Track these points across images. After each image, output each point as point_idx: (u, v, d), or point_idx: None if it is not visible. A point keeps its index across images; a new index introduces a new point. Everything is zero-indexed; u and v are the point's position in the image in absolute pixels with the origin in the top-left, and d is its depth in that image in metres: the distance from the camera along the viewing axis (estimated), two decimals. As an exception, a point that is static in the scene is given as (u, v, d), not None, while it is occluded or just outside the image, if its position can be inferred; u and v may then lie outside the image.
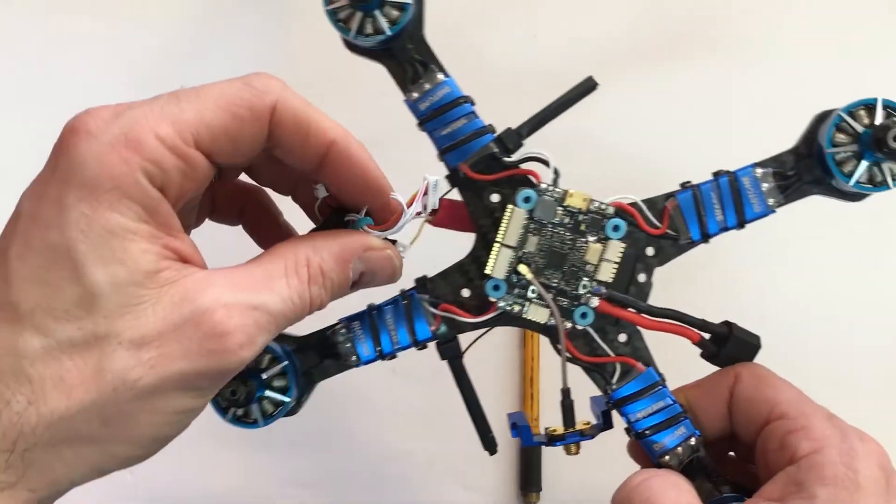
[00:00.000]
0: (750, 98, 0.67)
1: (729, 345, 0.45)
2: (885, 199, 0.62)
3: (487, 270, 0.44)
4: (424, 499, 0.65)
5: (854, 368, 0.66)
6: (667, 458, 0.44)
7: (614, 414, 0.45)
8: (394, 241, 0.42)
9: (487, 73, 0.65)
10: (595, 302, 0.44)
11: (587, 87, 0.45)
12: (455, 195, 0.45)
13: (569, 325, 0.45)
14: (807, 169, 0.44)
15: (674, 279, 0.46)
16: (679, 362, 0.46)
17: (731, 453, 0.47)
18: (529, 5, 0.68)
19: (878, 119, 0.42)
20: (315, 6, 0.42)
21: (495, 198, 0.45)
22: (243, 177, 0.45)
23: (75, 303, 0.32)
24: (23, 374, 0.31)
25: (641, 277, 0.45)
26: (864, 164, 0.42)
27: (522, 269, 0.44)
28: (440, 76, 0.44)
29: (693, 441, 0.44)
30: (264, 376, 0.44)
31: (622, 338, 0.45)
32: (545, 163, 0.45)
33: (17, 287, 0.32)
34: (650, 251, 0.45)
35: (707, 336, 0.45)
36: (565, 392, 0.45)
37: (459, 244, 0.46)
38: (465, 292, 0.45)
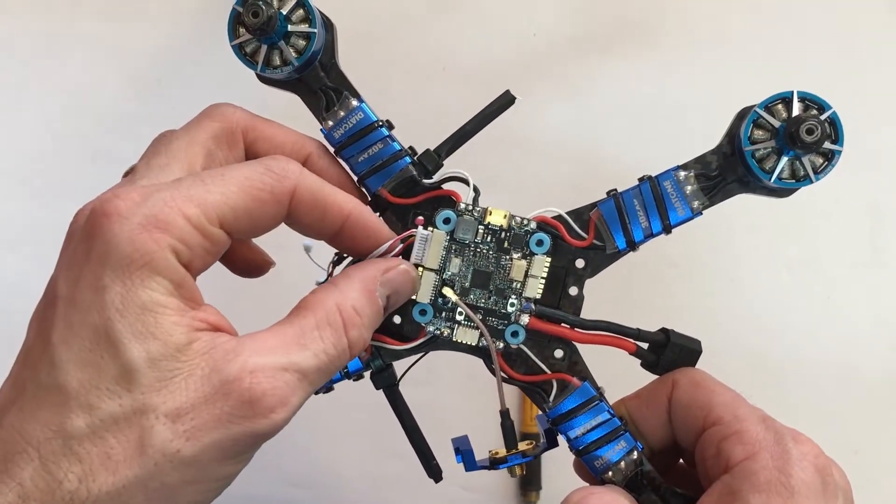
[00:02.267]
0: (701, 92, 0.66)
1: (667, 352, 0.44)
2: (842, 214, 0.62)
3: (412, 295, 0.43)
4: (424, 499, 0.65)
5: (806, 377, 0.66)
6: (610, 473, 0.43)
7: (558, 431, 0.44)
8: None
9: (418, 72, 0.66)
10: (525, 319, 0.44)
11: (505, 101, 0.45)
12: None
13: (501, 344, 0.44)
14: (731, 168, 0.43)
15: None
16: (633, 372, 0.45)
17: (681, 460, 0.46)
18: (463, 4, 0.68)
19: (795, 112, 0.41)
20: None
21: (419, 220, 0.44)
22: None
23: (115, 380, 0.33)
24: (72, 453, 0.32)
25: (573, 291, 0.44)
26: (784, 159, 0.41)
27: (447, 291, 0.43)
28: (354, 102, 0.44)
29: (635, 454, 0.43)
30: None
31: (558, 353, 0.44)
32: (465, 181, 0.44)
33: (62, 370, 0.33)
34: (580, 263, 0.44)
35: (645, 346, 0.45)
36: (504, 414, 0.44)
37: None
38: (397, 318, 0.45)
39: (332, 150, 0.44)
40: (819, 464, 0.37)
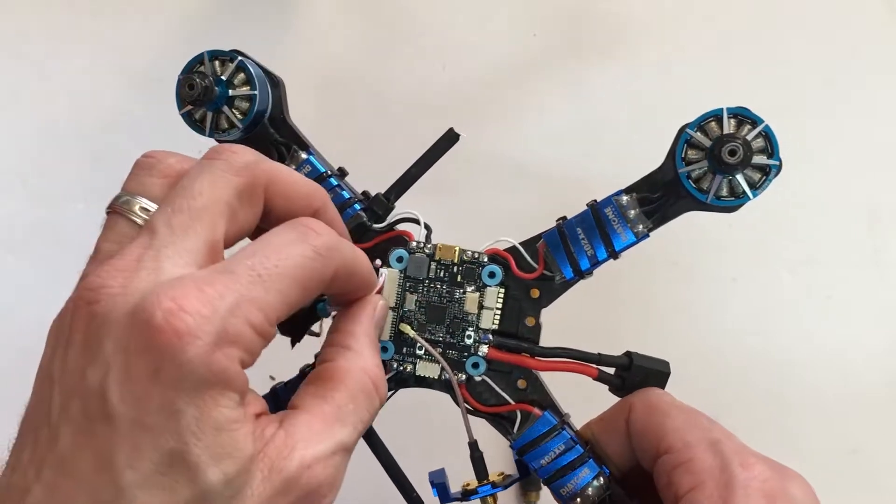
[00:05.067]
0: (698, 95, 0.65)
1: (631, 375, 0.44)
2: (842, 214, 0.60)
3: (383, 323, 0.45)
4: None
5: (805, 377, 0.65)
6: (578, 500, 0.43)
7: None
8: None
9: (400, 103, 0.65)
10: (484, 350, 0.44)
11: (449, 139, 0.45)
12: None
13: (463, 376, 0.45)
14: (673, 188, 0.42)
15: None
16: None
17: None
18: (435, 34, 0.68)
19: (726, 129, 0.40)
20: (314, 4, 0.43)
21: (377, 262, 0.46)
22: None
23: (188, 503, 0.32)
24: None
25: (529, 321, 0.45)
26: (717, 178, 0.40)
27: (403, 327, 0.45)
28: (302, 154, 0.45)
29: (601, 480, 0.43)
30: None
31: (521, 383, 0.45)
32: (416, 221, 0.45)
33: (130, 494, 0.31)
34: (535, 293, 0.45)
35: (611, 371, 0.45)
36: (472, 445, 0.45)
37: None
38: (365, 358, 0.46)
39: None
40: (767, 488, 0.37)
